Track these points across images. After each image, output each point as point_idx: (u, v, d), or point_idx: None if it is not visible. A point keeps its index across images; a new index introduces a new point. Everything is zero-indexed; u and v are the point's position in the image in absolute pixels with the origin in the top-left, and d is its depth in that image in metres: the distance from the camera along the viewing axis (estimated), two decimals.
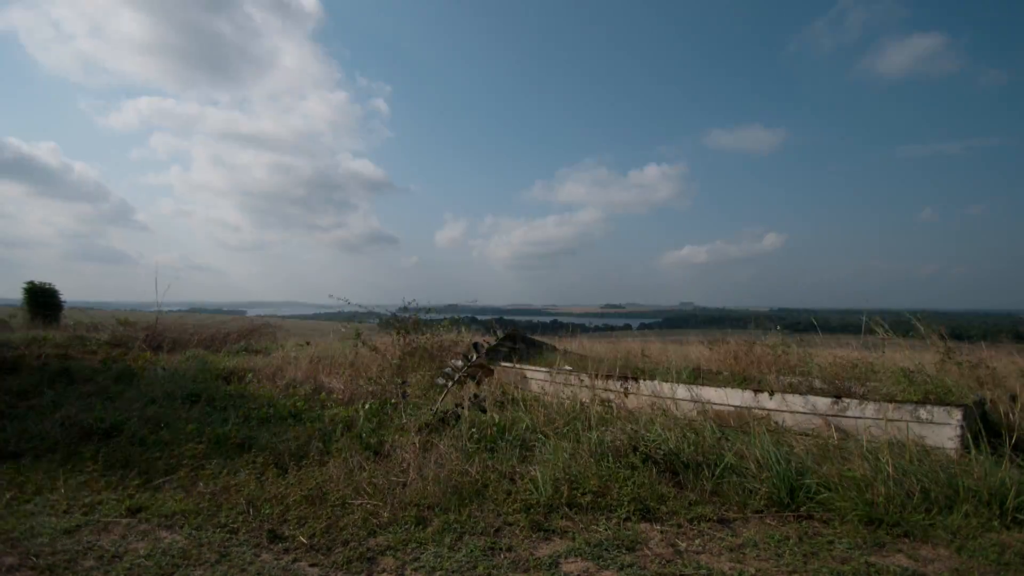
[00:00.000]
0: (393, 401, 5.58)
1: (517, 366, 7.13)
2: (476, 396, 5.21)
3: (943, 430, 3.92)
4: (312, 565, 2.69)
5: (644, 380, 5.67)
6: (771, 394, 4.80)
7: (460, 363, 5.32)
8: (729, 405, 4.95)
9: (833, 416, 4.39)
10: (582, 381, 5.93)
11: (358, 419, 5.02)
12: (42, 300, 16.14)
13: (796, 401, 4.64)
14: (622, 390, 5.70)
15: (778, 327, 7.93)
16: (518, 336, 9.06)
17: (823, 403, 4.50)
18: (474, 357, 5.26)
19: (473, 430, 4.48)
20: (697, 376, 6.55)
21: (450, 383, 5.32)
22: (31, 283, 16.29)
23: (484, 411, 5.02)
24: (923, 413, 4.03)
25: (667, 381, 5.54)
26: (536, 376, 6.89)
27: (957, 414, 3.90)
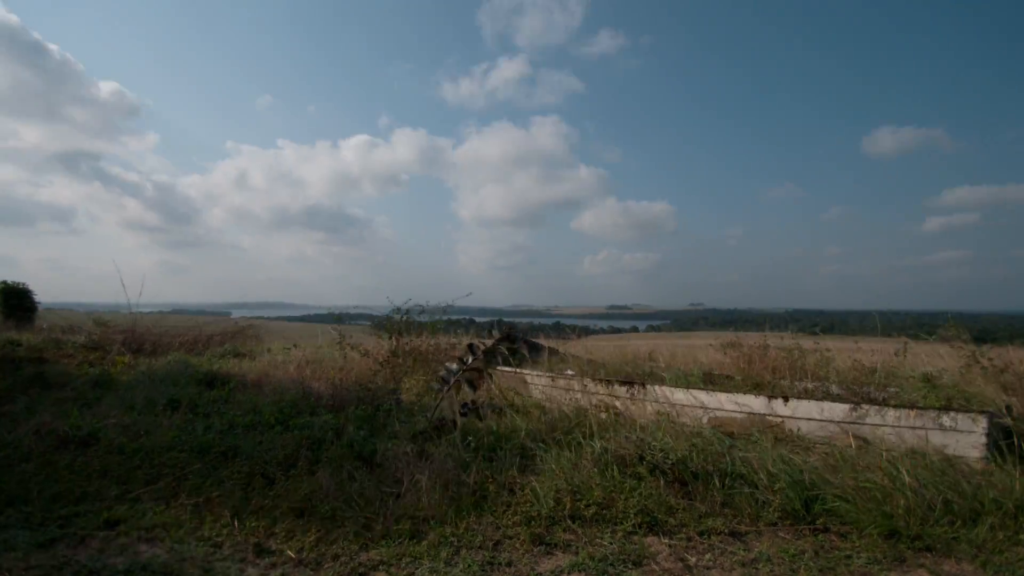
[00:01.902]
0: (386, 407, 5.59)
1: (516, 370, 7.13)
2: (473, 402, 5.21)
3: (967, 439, 3.93)
4: None
5: (651, 385, 5.67)
6: (786, 400, 4.81)
7: (455, 367, 5.32)
8: (742, 412, 4.95)
9: (851, 424, 4.40)
10: (585, 386, 5.93)
11: (349, 426, 5.02)
12: (15, 301, 16.09)
13: (812, 408, 4.64)
14: (628, 396, 5.71)
15: (792, 329, 7.93)
16: (517, 337, 9.04)
17: (840, 410, 4.50)
18: (470, 360, 5.25)
19: (470, 438, 4.48)
20: (708, 381, 6.56)
21: (445, 388, 5.32)
22: (4, 283, 16.23)
23: (482, 418, 5.02)
24: (946, 421, 4.03)
25: (676, 386, 5.54)
26: (537, 380, 6.89)
27: (982, 422, 3.90)
